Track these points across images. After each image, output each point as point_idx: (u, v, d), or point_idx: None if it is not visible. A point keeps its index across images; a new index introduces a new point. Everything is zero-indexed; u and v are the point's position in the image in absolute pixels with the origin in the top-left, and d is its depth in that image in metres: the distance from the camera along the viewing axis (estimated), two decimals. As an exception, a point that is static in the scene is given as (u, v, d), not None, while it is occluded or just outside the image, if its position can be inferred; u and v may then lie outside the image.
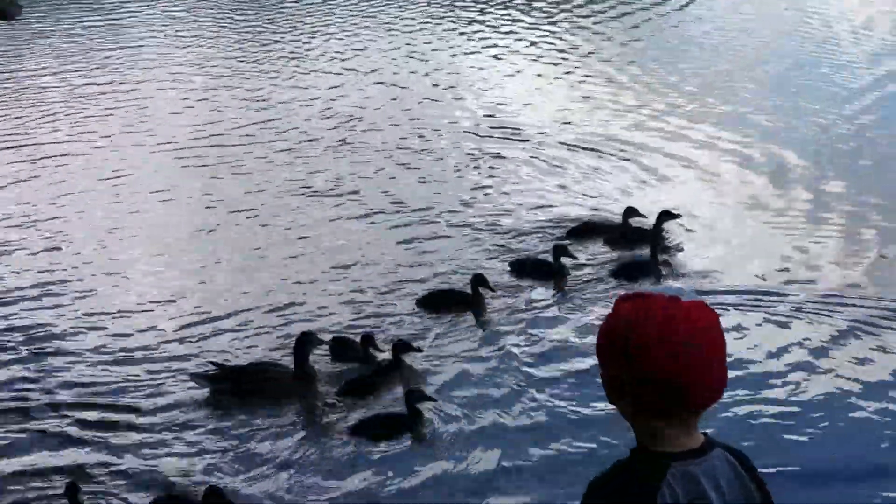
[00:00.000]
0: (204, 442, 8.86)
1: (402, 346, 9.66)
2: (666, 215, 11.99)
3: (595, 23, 24.13)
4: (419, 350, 9.75)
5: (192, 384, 9.51)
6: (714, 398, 2.96)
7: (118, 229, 13.30)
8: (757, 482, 3.02)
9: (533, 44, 22.43)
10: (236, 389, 9.35)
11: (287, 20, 25.02)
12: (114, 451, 8.69)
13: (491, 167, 15.05)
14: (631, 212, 12.35)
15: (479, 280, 10.78)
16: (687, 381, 2.87)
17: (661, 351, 2.85)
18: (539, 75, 19.95)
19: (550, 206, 13.56)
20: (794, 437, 8.46)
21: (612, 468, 3.01)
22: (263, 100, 18.64)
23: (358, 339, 10.02)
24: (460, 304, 10.81)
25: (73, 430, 8.97)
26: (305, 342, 9.55)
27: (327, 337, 9.98)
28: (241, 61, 21.35)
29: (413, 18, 24.78)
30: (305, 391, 9.48)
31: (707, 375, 2.91)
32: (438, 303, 10.91)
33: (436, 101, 18.35)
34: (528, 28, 23.97)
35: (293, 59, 21.39)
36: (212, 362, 9.71)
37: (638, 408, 2.94)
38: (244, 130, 16.93)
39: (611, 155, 15.34)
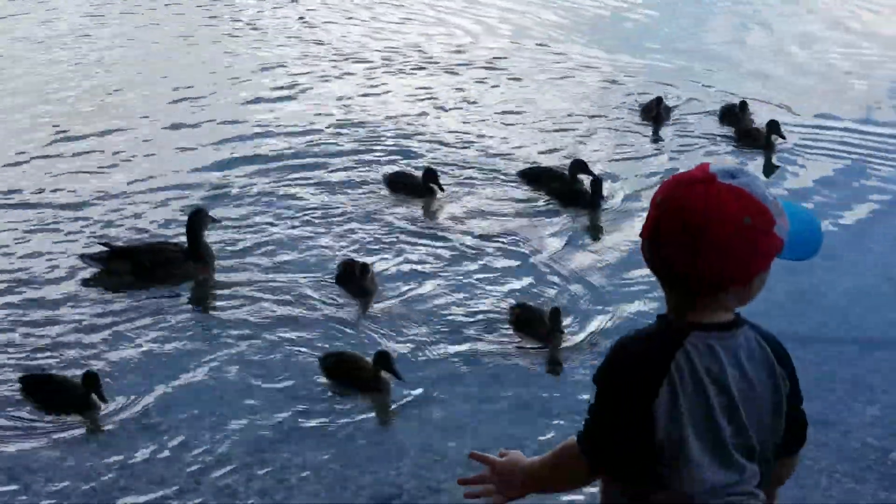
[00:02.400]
0: (96, 321, 8.51)
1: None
2: None
3: None
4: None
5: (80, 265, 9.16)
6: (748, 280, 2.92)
7: None
8: (788, 370, 2.99)
9: None
10: (132, 269, 8.99)
11: None
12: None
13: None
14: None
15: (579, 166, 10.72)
16: (726, 271, 2.85)
17: (727, 227, 2.81)
18: None
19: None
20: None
21: (637, 331, 3.02)
22: None
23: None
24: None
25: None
26: (199, 219, 9.22)
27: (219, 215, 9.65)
28: None
29: None
30: (203, 271, 9.17)
31: (747, 267, 2.88)
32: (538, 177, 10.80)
33: None
34: None
35: None
36: (101, 242, 9.30)
37: (675, 280, 2.92)
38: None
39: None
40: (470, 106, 13.12)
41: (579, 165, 10.68)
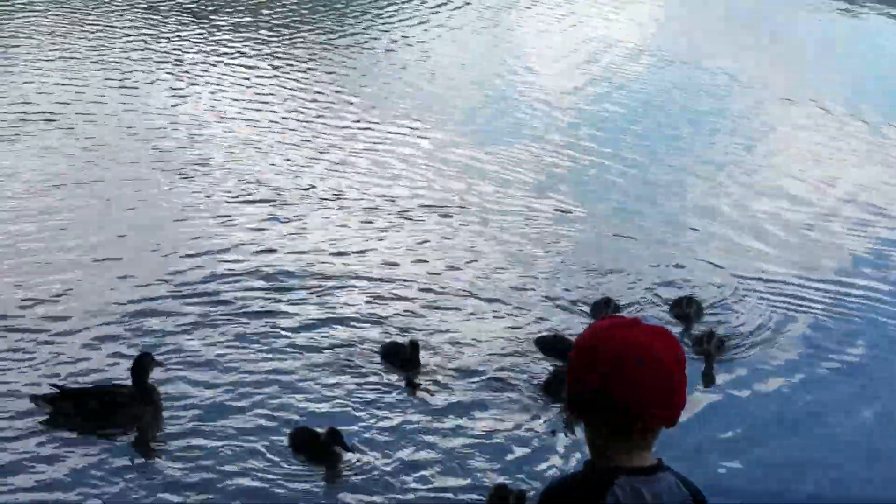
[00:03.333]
0: (43, 467, 8.64)
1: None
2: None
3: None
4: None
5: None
6: (668, 422, 3.17)
7: None
8: None
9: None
10: (81, 412, 9.22)
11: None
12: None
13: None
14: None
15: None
16: (645, 401, 3.08)
17: (634, 371, 3.05)
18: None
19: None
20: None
21: (565, 477, 3.26)
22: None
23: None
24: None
25: None
26: (144, 364, 9.43)
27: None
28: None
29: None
30: (153, 413, 9.38)
31: (668, 398, 3.12)
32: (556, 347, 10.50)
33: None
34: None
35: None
36: (53, 384, 9.55)
37: (596, 424, 3.14)
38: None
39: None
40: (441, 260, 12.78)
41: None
